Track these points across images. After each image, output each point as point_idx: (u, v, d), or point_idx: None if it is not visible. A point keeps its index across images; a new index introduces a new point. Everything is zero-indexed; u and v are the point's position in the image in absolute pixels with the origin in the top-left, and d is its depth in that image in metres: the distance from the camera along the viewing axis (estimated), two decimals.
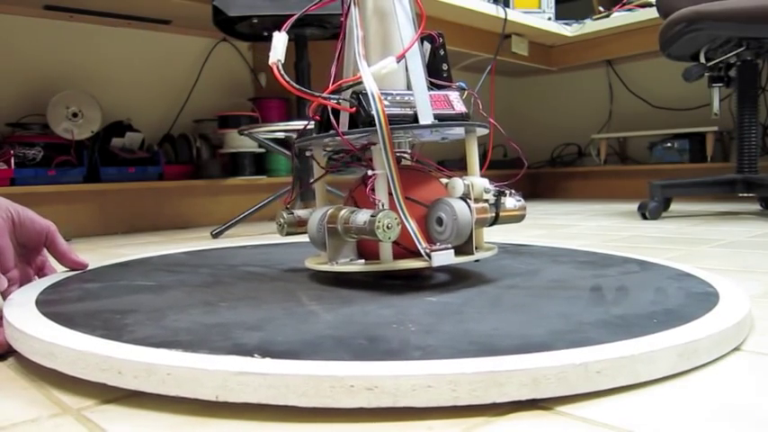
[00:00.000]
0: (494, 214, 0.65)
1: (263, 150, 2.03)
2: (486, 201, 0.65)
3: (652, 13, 2.23)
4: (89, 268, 0.76)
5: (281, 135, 1.70)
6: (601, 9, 2.60)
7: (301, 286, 0.64)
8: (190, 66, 2.13)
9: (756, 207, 1.92)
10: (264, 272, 0.74)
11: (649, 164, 2.67)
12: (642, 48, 2.47)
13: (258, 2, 1.45)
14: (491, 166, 0.70)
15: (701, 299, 0.55)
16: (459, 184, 0.64)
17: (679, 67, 1.69)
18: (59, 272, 0.76)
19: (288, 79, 0.60)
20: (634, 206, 2.09)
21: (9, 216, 0.66)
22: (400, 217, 0.58)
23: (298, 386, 0.36)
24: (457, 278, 0.68)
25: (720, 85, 1.71)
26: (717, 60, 1.63)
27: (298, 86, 0.60)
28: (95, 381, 0.41)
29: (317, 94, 0.62)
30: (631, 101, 2.88)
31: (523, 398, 0.37)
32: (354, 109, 0.62)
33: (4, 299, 0.67)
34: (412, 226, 0.59)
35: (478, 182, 0.65)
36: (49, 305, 0.55)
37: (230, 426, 0.36)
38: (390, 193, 0.60)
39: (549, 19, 2.51)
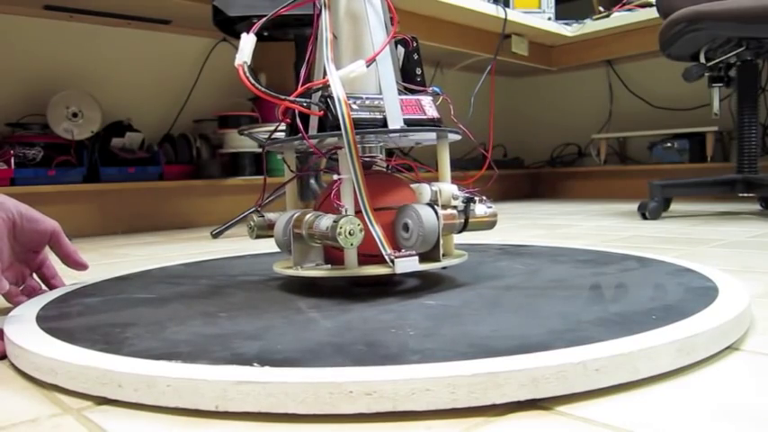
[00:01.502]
0: (462, 220, 0.64)
1: None
2: (455, 207, 0.64)
3: (652, 13, 2.23)
4: (89, 282, 0.76)
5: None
6: (601, 9, 2.60)
7: (300, 294, 0.64)
8: (190, 66, 2.13)
9: (756, 207, 1.92)
10: (263, 281, 0.74)
11: (649, 164, 2.67)
12: (642, 48, 2.47)
13: (258, 2, 1.45)
14: (482, 167, 0.70)
15: (700, 293, 0.55)
16: (426, 190, 0.64)
17: (679, 67, 1.69)
18: (59, 273, 0.76)
19: (253, 81, 0.59)
20: (634, 206, 2.09)
21: (11, 218, 0.66)
22: (364, 223, 0.58)
23: (297, 394, 0.36)
24: (455, 281, 0.68)
25: (720, 85, 1.71)
26: (717, 60, 1.63)
27: (263, 89, 0.60)
28: (96, 395, 0.41)
29: (284, 97, 0.62)
30: (631, 101, 2.88)
31: (522, 398, 0.37)
32: (323, 112, 0.61)
33: (7, 299, 0.67)
34: (377, 231, 0.59)
35: (447, 188, 0.65)
36: (50, 321, 0.55)
37: (231, 426, 0.36)
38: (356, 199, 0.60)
39: (549, 19, 2.51)
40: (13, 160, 1.61)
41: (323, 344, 0.44)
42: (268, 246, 1.23)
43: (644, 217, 1.66)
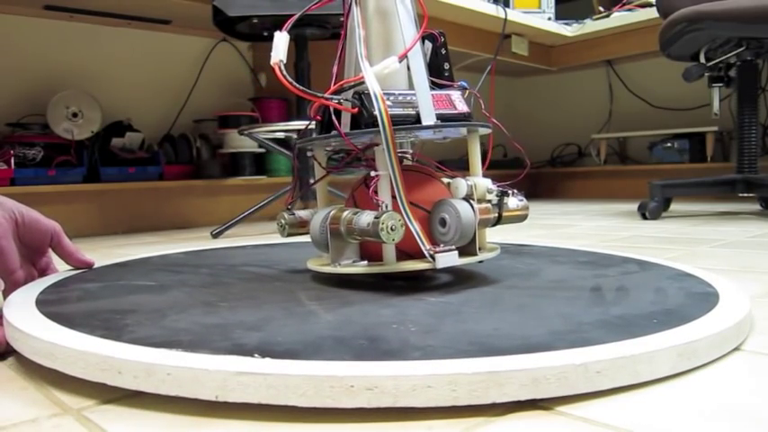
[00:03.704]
0: (497, 214, 0.64)
1: (263, 150, 2.03)
2: (489, 201, 0.64)
3: (652, 13, 2.23)
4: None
5: (281, 135, 1.70)
6: (601, 9, 2.60)
7: (301, 286, 0.64)
8: (190, 66, 2.13)
9: (756, 207, 1.92)
10: (264, 272, 0.74)
11: (649, 164, 2.67)
12: (642, 48, 2.47)
13: (258, 2, 1.45)
14: (490, 166, 0.70)
15: (700, 299, 0.55)
16: (462, 184, 0.64)
17: (679, 67, 1.69)
18: (61, 271, 0.76)
19: (290, 80, 0.60)
20: (634, 206, 2.09)
21: (13, 217, 0.66)
22: (404, 218, 0.58)
23: (298, 386, 0.36)
24: (457, 278, 0.68)
25: (720, 85, 1.71)
26: (717, 60, 1.63)
27: (300, 87, 0.60)
28: (95, 381, 0.41)
29: (320, 94, 0.62)
30: (631, 101, 2.88)
31: (523, 398, 0.37)
32: (357, 109, 0.61)
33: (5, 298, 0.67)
34: (415, 227, 0.59)
35: (481, 182, 0.65)
36: (49, 305, 0.55)
37: (230, 426, 0.36)
38: (393, 195, 0.60)
39: (549, 19, 2.51)
40: (13, 160, 1.61)
41: (324, 337, 0.44)
42: (267, 239, 1.23)
43: (644, 217, 1.66)
